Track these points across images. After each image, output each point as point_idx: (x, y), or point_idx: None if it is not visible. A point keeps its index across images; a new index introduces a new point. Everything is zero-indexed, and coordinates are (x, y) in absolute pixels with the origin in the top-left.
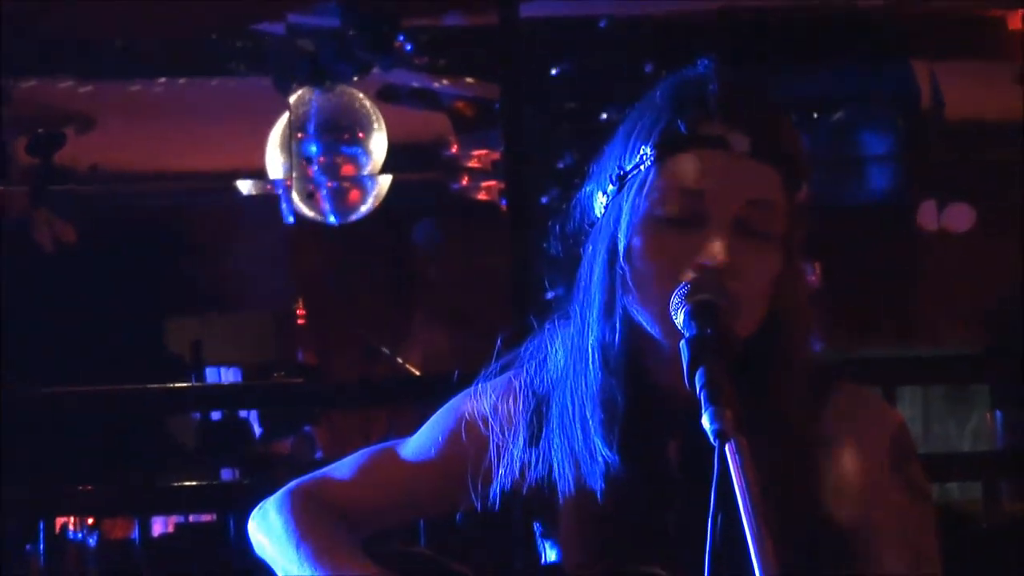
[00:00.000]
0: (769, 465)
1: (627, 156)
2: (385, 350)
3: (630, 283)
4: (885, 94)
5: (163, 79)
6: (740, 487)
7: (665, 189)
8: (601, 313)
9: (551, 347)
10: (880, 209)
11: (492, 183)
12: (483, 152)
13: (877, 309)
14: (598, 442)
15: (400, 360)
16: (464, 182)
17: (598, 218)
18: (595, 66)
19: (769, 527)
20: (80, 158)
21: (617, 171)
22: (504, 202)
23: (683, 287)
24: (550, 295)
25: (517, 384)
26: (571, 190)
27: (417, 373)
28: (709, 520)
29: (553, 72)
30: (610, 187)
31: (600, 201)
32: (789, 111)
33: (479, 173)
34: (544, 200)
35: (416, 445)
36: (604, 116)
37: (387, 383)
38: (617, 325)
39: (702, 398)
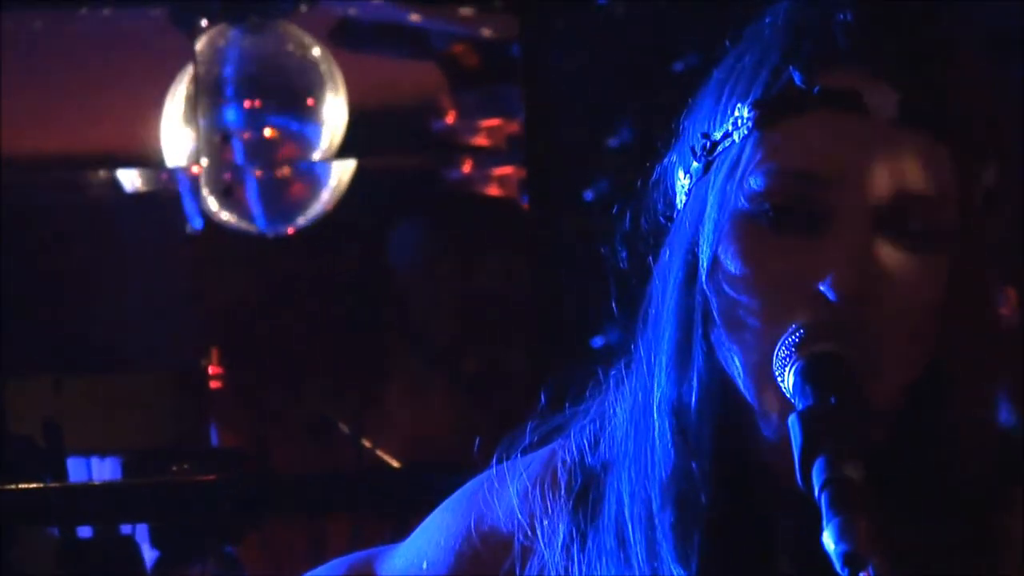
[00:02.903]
0: None
1: (717, 118)
2: (345, 427)
3: (715, 315)
4: None
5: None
6: None
7: (769, 172)
8: (673, 358)
9: (614, 406)
10: None
11: (509, 170)
12: (495, 122)
13: None
14: (667, 557)
15: (368, 443)
16: (466, 169)
17: (678, 210)
18: None
19: None
20: None
21: (702, 140)
22: (526, 199)
23: (793, 331)
24: (609, 335)
25: (560, 459)
26: (629, 182)
27: (395, 463)
28: None
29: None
30: (694, 164)
31: (682, 183)
32: (974, 48)
33: (489, 155)
34: (588, 196)
35: (408, 558)
36: (682, 66)
37: (349, 478)
38: (695, 377)
39: (822, 502)
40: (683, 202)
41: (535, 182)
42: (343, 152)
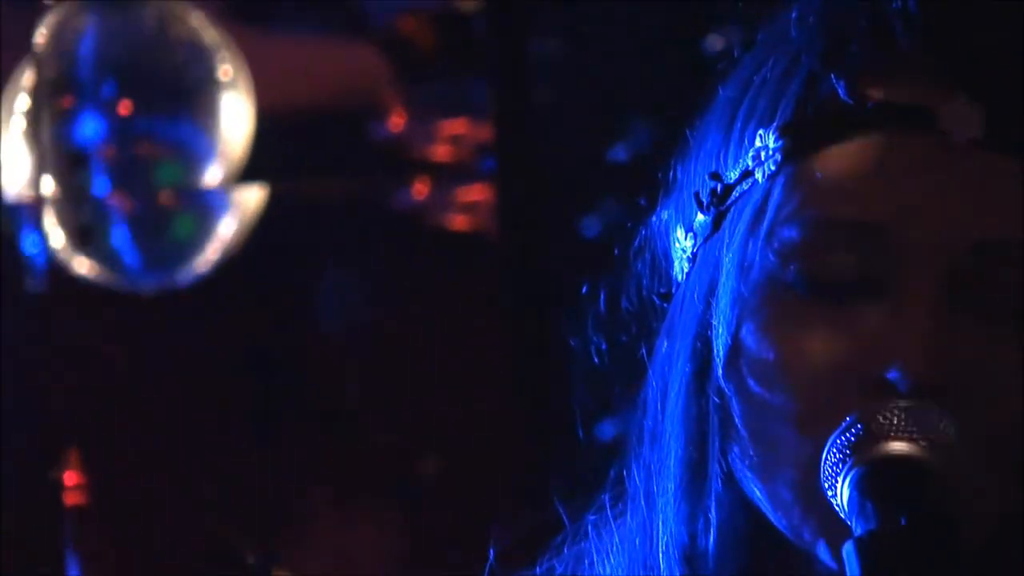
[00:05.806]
0: None
1: (730, 151)
2: (251, 556)
3: (737, 420)
4: None
5: None
6: None
7: (807, 221)
8: (682, 485)
9: (599, 561)
10: None
11: (478, 193)
12: (459, 127)
13: None
14: None
15: None
16: (421, 192)
17: (678, 282)
18: None
19: None
20: None
21: (710, 183)
22: (501, 233)
23: (848, 426)
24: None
25: None
26: (643, 209)
27: None
28: None
29: None
30: (699, 217)
31: (682, 246)
32: None
33: (451, 173)
34: (589, 232)
35: None
36: (715, 48)
37: None
38: (712, 508)
39: None
40: (684, 271)
41: (513, 209)
42: (249, 174)
